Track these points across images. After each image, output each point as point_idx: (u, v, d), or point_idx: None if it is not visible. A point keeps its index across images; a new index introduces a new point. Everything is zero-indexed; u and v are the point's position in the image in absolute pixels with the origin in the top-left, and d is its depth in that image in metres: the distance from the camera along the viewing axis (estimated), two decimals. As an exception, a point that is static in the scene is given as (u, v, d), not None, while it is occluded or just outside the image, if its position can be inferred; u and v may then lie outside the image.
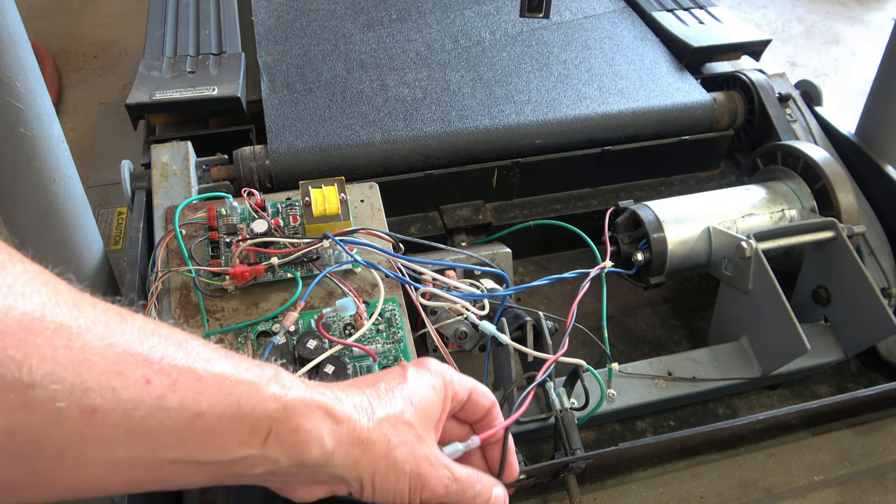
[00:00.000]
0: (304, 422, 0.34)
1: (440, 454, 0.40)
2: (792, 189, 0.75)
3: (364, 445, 0.36)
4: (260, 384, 0.33)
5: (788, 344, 0.62)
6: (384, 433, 0.37)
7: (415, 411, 0.39)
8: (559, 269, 0.66)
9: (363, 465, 0.36)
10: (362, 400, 0.38)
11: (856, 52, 1.96)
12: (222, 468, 0.33)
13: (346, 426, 0.36)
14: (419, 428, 0.39)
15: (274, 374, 0.34)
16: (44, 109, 0.58)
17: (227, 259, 0.62)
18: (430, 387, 0.41)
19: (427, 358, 0.43)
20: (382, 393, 0.39)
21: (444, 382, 0.41)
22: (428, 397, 0.40)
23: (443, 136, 0.79)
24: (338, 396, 0.37)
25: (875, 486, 0.64)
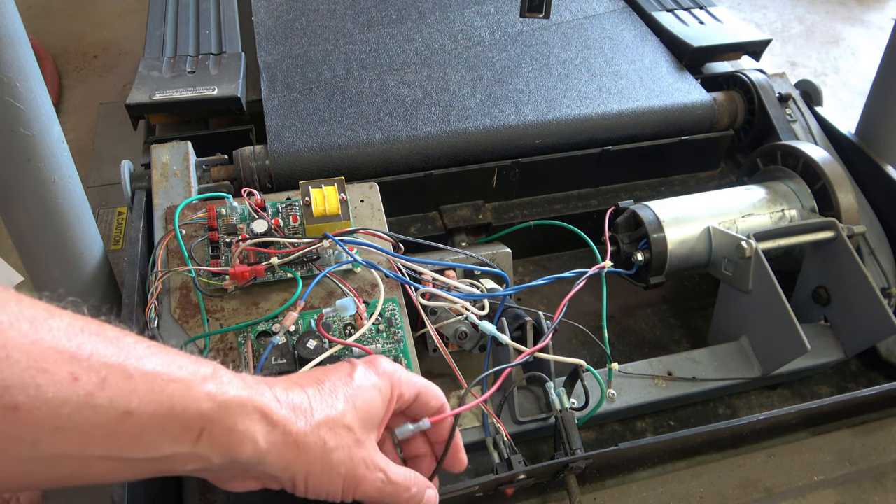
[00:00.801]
0: (239, 422, 0.34)
1: (378, 456, 0.40)
2: (792, 189, 0.75)
3: (299, 448, 0.36)
4: (194, 382, 0.33)
5: (788, 344, 0.62)
6: (321, 436, 0.37)
7: (356, 413, 0.39)
8: (559, 269, 0.66)
9: (297, 466, 0.37)
10: (303, 400, 0.37)
11: (856, 52, 1.96)
12: (153, 464, 0.32)
13: (282, 428, 0.35)
14: (358, 431, 0.39)
15: (211, 372, 0.34)
16: (44, 109, 0.58)
17: (227, 259, 0.62)
18: (376, 388, 0.41)
19: (377, 357, 0.44)
20: (325, 393, 0.39)
21: (390, 384, 0.42)
22: (371, 399, 0.40)
23: (443, 136, 0.79)
24: (277, 396, 0.36)
25: (875, 486, 0.64)
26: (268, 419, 0.35)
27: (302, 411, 0.37)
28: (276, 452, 0.35)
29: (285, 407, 0.36)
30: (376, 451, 0.40)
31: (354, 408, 0.39)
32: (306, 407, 0.37)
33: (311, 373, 0.41)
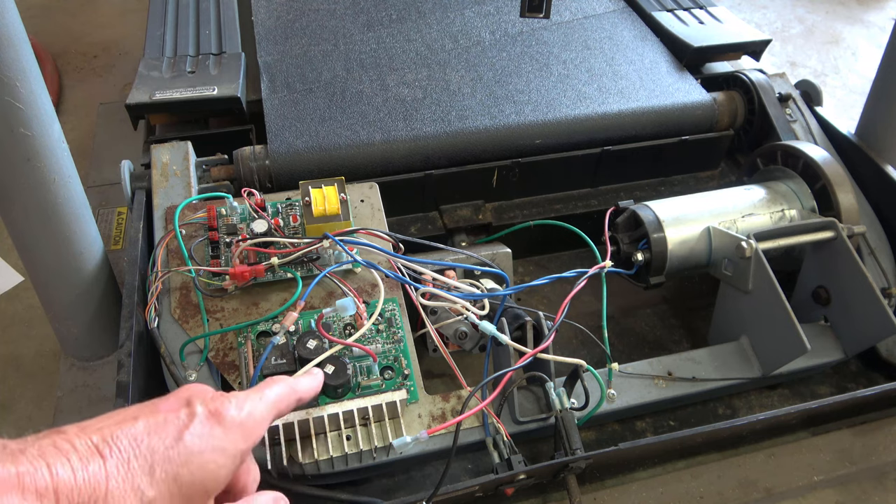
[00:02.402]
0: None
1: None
2: (792, 189, 0.75)
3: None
4: None
5: (788, 344, 0.62)
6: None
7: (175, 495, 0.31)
8: (559, 269, 0.66)
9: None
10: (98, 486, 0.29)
11: (856, 52, 1.96)
12: None
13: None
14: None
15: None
16: (44, 109, 0.58)
17: (227, 259, 0.62)
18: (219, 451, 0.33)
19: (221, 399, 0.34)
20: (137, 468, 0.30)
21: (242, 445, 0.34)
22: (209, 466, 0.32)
23: (443, 136, 0.79)
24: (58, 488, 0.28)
25: (875, 486, 0.64)
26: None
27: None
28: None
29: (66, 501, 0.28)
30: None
31: (177, 487, 0.31)
32: (100, 497, 0.29)
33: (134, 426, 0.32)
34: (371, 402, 0.53)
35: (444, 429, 0.54)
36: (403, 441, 0.52)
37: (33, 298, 0.73)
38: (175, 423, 0.32)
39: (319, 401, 0.53)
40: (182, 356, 0.57)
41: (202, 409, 0.33)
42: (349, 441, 0.53)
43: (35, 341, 1.24)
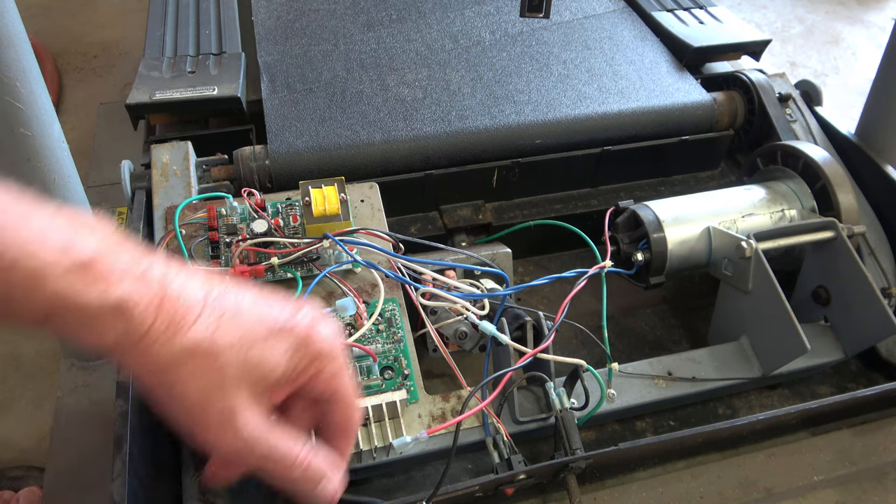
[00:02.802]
0: (91, 323, 0.31)
1: (247, 413, 0.35)
2: (792, 189, 0.75)
3: (150, 358, 0.33)
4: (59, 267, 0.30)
5: (788, 344, 0.62)
6: (180, 359, 0.33)
7: (239, 360, 0.34)
8: (559, 269, 0.66)
9: (146, 376, 0.34)
10: (189, 313, 0.33)
11: (856, 52, 1.96)
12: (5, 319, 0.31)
13: (141, 337, 0.32)
14: (231, 377, 0.34)
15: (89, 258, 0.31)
16: (44, 109, 0.58)
17: (227, 259, 0.62)
18: (285, 353, 0.36)
19: (324, 331, 0.38)
20: (225, 324, 0.34)
21: (307, 364, 0.37)
22: (274, 366, 0.35)
23: (443, 136, 0.79)
24: (162, 302, 0.33)
25: (875, 486, 0.64)
26: (127, 323, 0.32)
27: (175, 327, 0.33)
28: (124, 360, 0.33)
29: (161, 318, 0.32)
30: (249, 409, 0.35)
31: (245, 356, 0.34)
32: (186, 326, 0.33)
33: (247, 297, 0.36)
34: (371, 402, 0.53)
35: (444, 429, 0.54)
36: (403, 441, 0.52)
37: (33, 298, 0.73)
38: (280, 317, 0.36)
39: (319, 401, 0.53)
40: (182, 356, 0.57)
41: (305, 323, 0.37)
42: (349, 441, 0.53)
43: (35, 341, 1.24)
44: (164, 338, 0.33)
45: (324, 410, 0.40)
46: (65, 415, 0.70)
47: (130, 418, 0.51)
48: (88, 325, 0.32)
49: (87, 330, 0.32)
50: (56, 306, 0.30)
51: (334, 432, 0.40)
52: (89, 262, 0.31)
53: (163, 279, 0.33)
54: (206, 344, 0.33)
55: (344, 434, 0.40)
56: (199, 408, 0.34)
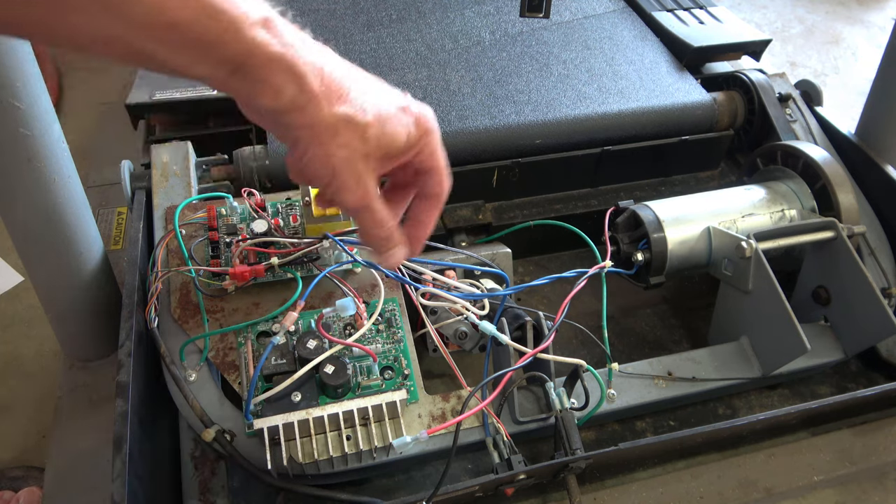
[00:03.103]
0: (271, 77, 0.36)
1: (370, 181, 0.42)
2: (792, 189, 0.75)
3: (312, 127, 0.38)
4: (246, 23, 0.34)
5: (788, 344, 0.62)
6: (335, 126, 0.39)
7: (381, 135, 0.41)
8: (559, 269, 0.66)
9: (302, 136, 0.39)
10: (344, 88, 0.39)
11: (856, 52, 1.96)
12: (174, 73, 0.36)
13: (307, 99, 0.37)
14: (371, 146, 0.40)
15: (265, 17, 0.35)
16: (44, 109, 0.58)
17: (227, 259, 0.62)
18: (406, 129, 0.42)
19: (427, 111, 0.44)
20: (370, 99, 0.40)
21: (418, 139, 0.43)
22: (397, 133, 0.41)
23: (443, 136, 0.79)
24: (324, 70, 0.38)
25: (875, 486, 0.64)
26: (301, 86, 0.37)
27: (337, 97, 0.39)
28: (291, 115, 0.38)
29: (325, 85, 0.38)
30: (375, 175, 0.42)
31: (382, 129, 0.40)
32: (343, 97, 0.39)
33: (372, 80, 0.42)
34: (371, 402, 0.53)
35: (444, 429, 0.54)
36: (403, 441, 0.52)
37: (33, 298, 0.73)
38: (400, 100, 0.43)
39: (319, 401, 0.53)
40: (182, 356, 0.57)
41: (414, 105, 0.43)
42: (349, 441, 0.53)
43: (35, 341, 1.24)
44: (328, 104, 0.38)
45: (423, 180, 0.47)
46: (65, 415, 0.70)
47: (130, 418, 0.51)
48: (269, 81, 0.36)
49: (266, 86, 0.36)
50: (250, 54, 0.35)
51: (429, 198, 0.47)
52: (269, 19, 0.36)
53: (319, 50, 0.39)
54: (358, 116, 0.39)
55: (436, 200, 0.47)
56: (342, 166, 0.40)
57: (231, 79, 0.36)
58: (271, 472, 0.51)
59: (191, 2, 0.32)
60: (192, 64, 0.35)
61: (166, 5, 0.31)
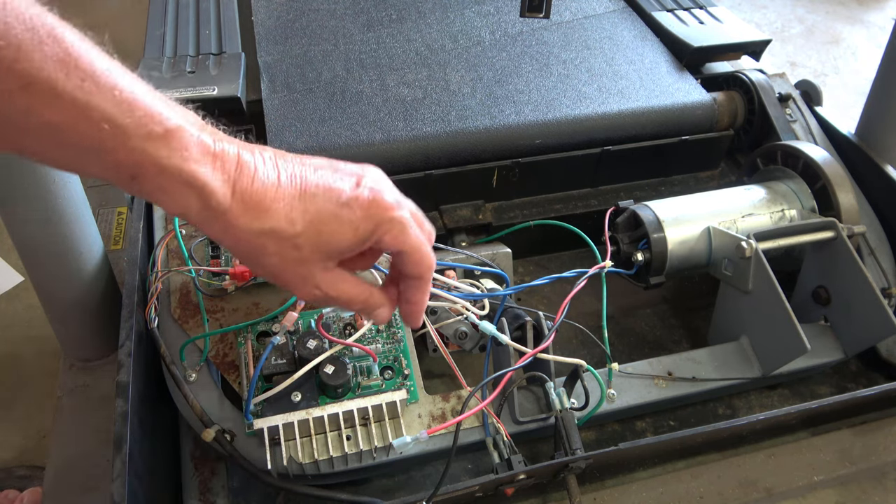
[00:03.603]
0: (170, 188, 0.35)
1: (322, 275, 0.41)
2: (792, 189, 0.75)
3: (235, 236, 0.37)
4: (140, 134, 0.33)
5: (788, 344, 0.62)
6: (262, 242, 0.38)
7: (316, 240, 0.39)
8: (559, 269, 0.66)
9: (232, 248, 0.39)
10: (263, 199, 0.37)
11: (856, 52, 1.96)
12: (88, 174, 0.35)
13: (223, 217, 0.37)
14: (308, 252, 0.39)
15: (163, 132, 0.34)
16: (44, 109, 0.58)
17: (227, 259, 0.62)
18: (352, 227, 0.40)
19: (387, 199, 0.42)
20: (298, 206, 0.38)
21: (373, 230, 0.41)
22: (340, 234, 0.40)
23: (443, 136, 0.79)
24: (237, 182, 0.37)
25: (875, 486, 0.64)
26: (206, 200, 0.36)
27: (255, 209, 0.37)
28: (208, 228, 0.37)
29: (238, 198, 0.37)
30: (323, 271, 0.41)
31: (317, 235, 0.39)
32: (263, 208, 0.37)
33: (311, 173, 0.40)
34: (371, 402, 0.53)
35: (444, 429, 0.54)
36: (403, 441, 0.52)
37: (33, 298, 0.73)
38: (336, 195, 0.40)
39: (319, 401, 0.53)
40: (182, 356, 0.57)
41: (366, 190, 0.41)
42: (349, 441, 0.53)
43: (35, 341, 1.24)
44: (246, 218, 0.37)
45: (399, 261, 0.45)
46: (65, 415, 0.70)
47: (130, 418, 0.51)
48: (169, 192, 0.35)
49: (168, 197, 0.35)
50: (141, 165, 0.34)
51: (410, 279, 0.45)
52: (170, 132, 0.35)
53: (238, 160, 0.37)
54: (283, 228, 0.38)
55: (419, 281, 0.45)
56: (280, 272, 0.40)
57: (132, 184, 0.35)
58: (271, 472, 0.51)
59: (66, 106, 0.31)
60: (85, 165, 0.34)
61: (35, 107, 0.30)
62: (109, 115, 0.32)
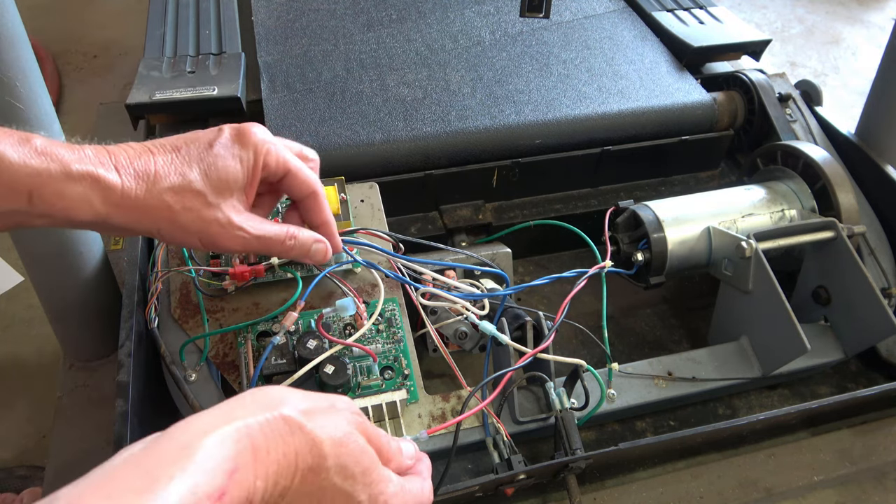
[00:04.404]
0: (66, 189, 0.38)
1: (236, 217, 0.43)
2: (792, 189, 0.75)
3: (141, 210, 0.40)
4: (22, 154, 0.37)
5: (788, 344, 0.62)
6: (164, 200, 0.40)
7: (207, 181, 0.42)
8: (559, 269, 0.66)
9: (145, 224, 0.41)
10: (148, 167, 0.40)
11: (856, 52, 1.96)
12: (7, 217, 0.38)
13: (119, 193, 0.39)
14: (211, 195, 0.42)
15: (40, 145, 0.37)
16: (44, 109, 0.58)
17: (227, 259, 0.62)
18: (236, 158, 0.43)
19: (250, 126, 0.44)
20: (179, 161, 0.41)
21: (253, 154, 0.43)
22: (229, 167, 0.42)
23: (443, 136, 0.79)
24: (118, 163, 0.39)
25: (875, 486, 0.64)
26: (100, 185, 0.38)
27: (145, 177, 0.40)
28: (118, 214, 0.39)
29: (125, 174, 0.39)
30: (236, 213, 0.43)
31: (207, 176, 0.42)
32: (151, 173, 0.40)
33: (171, 140, 0.43)
34: (371, 402, 0.53)
35: (444, 429, 0.54)
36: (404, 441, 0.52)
37: (33, 298, 0.73)
38: (208, 137, 0.43)
39: (319, 401, 0.53)
40: (182, 356, 0.57)
41: (229, 129, 0.44)
42: (349, 441, 0.53)
43: (35, 341, 1.24)
44: (140, 189, 0.40)
45: (288, 185, 0.46)
46: (65, 415, 0.70)
47: (130, 418, 0.51)
48: (67, 194, 0.38)
49: (68, 201, 0.38)
50: (35, 183, 0.37)
51: (305, 199, 0.47)
52: (45, 150, 0.38)
53: (107, 151, 0.40)
54: (177, 180, 0.41)
55: (313, 198, 0.47)
56: (200, 227, 0.42)
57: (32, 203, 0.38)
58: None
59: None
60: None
61: None
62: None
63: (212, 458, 0.28)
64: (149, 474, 0.26)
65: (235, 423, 0.29)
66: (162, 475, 0.26)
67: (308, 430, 0.32)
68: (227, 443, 0.29)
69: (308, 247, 0.47)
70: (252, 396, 0.32)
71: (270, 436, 0.30)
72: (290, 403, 0.32)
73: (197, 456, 0.27)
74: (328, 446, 0.32)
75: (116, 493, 0.25)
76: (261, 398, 0.32)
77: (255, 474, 0.29)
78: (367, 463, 0.34)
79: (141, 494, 0.25)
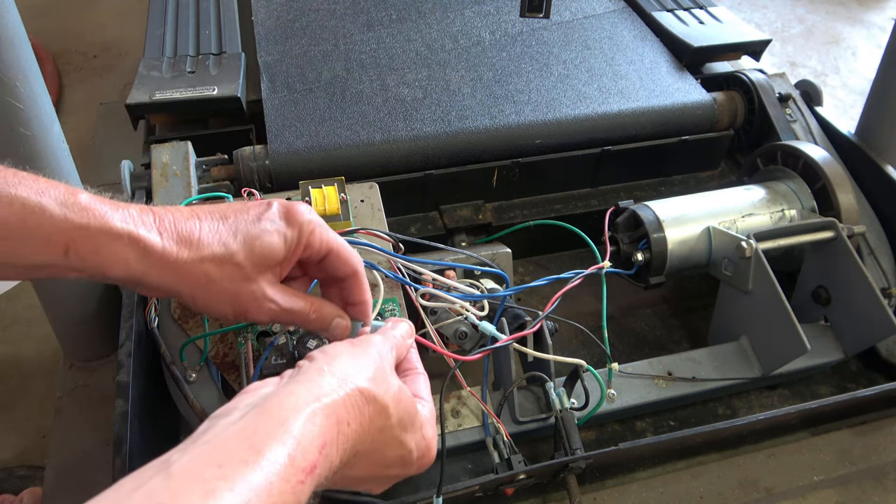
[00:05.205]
0: (103, 246, 0.38)
1: (270, 290, 0.43)
2: (792, 189, 0.75)
3: (179, 275, 0.40)
4: (61, 209, 0.37)
5: (788, 344, 0.62)
6: (204, 269, 0.40)
7: (250, 255, 0.42)
8: (559, 269, 0.66)
9: (181, 288, 0.41)
10: (193, 232, 0.40)
11: (856, 52, 1.96)
12: (38, 270, 0.38)
13: (159, 255, 0.39)
14: (250, 269, 0.42)
15: (84, 201, 0.38)
16: (44, 109, 0.58)
17: (227, 259, 0.62)
18: (279, 234, 0.43)
19: (297, 205, 0.44)
20: (224, 231, 0.41)
21: (298, 233, 0.43)
22: (274, 244, 0.42)
23: (443, 136, 0.79)
24: (161, 225, 0.40)
25: (875, 486, 0.64)
26: (140, 245, 0.38)
27: (187, 242, 0.40)
28: (154, 275, 0.39)
29: (167, 237, 0.39)
30: (270, 287, 0.43)
31: (251, 250, 0.42)
32: (194, 239, 0.40)
33: (220, 207, 0.43)
34: (371, 402, 0.53)
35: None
36: None
37: (33, 298, 0.73)
38: (259, 211, 0.43)
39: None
40: (182, 356, 0.57)
41: (278, 204, 0.44)
42: (349, 441, 0.53)
43: (35, 341, 1.24)
44: (181, 254, 0.39)
45: (330, 266, 0.46)
46: (65, 415, 0.70)
47: (130, 418, 0.51)
48: (103, 251, 0.38)
49: (103, 257, 0.38)
50: (72, 237, 0.37)
51: (345, 279, 0.47)
52: (87, 206, 0.38)
53: (153, 213, 0.40)
54: (219, 251, 0.41)
55: (354, 278, 0.47)
56: (233, 297, 0.42)
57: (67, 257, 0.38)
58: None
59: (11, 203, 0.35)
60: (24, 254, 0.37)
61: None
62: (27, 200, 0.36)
63: (306, 434, 0.31)
64: (253, 447, 0.29)
65: (324, 400, 0.33)
66: (265, 448, 0.29)
67: (379, 398, 0.37)
68: (318, 418, 0.32)
69: (328, 321, 0.47)
70: (329, 367, 0.36)
71: (351, 409, 0.35)
72: (359, 375, 0.36)
73: (295, 432, 0.31)
74: (392, 406, 0.38)
75: (228, 463, 0.28)
76: (336, 370, 0.36)
77: (338, 447, 0.33)
78: (413, 409, 0.40)
79: (248, 465, 0.28)
